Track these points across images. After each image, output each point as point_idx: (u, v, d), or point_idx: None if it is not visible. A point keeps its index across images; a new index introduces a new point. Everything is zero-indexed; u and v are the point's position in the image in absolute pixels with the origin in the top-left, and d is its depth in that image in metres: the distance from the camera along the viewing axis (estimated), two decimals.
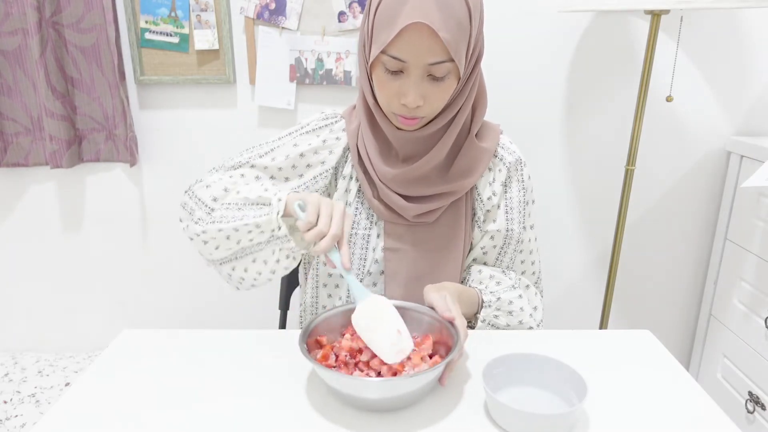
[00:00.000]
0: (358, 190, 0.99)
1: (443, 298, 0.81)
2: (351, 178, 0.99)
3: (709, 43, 1.60)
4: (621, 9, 1.33)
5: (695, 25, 1.58)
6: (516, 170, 1.00)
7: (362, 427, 0.70)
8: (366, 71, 0.90)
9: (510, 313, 0.95)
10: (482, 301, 0.92)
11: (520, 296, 0.96)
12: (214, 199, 0.89)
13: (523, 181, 1.02)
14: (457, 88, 0.88)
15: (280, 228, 0.82)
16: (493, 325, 0.94)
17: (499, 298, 0.93)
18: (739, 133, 1.68)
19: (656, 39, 1.38)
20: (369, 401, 0.72)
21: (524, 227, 1.02)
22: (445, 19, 0.78)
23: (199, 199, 0.91)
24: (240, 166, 0.98)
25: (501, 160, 0.99)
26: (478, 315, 0.93)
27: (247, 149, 1.01)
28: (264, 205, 0.84)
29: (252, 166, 0.97)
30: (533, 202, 1.04)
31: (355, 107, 1.01)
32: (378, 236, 0.98)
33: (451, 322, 0.77)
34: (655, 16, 1.37)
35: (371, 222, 0.99)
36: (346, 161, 0.99)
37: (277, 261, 0.87)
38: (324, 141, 0.98)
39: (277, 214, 0.81)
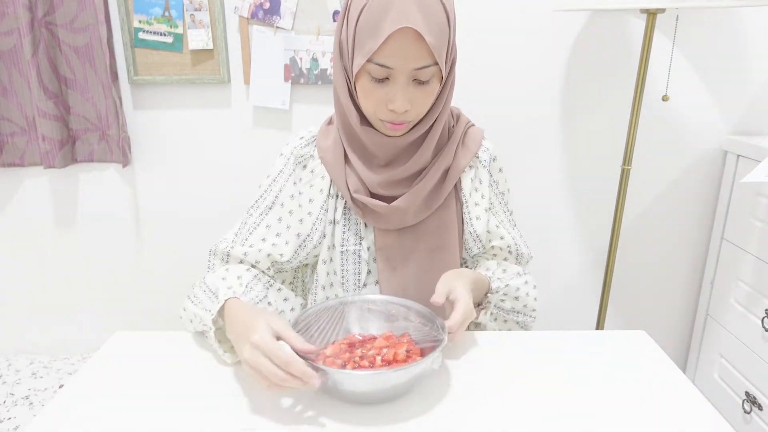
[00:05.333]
0: (345, 207, 0.99)
1: (448, 281, 0.85)
2: (337, 197, 0.99)
3: (705, 42, 1.60)
4: (616, 8, 1.32)
5: (691, 24, 1.57)
6: (492, 167, 1.04)
7: (351, 419, 0.71)
8: (346, 80, 0.90)
9: (516, 298, 0.99)
10: (490, 288, 0.96)
11: (526, 282, 1.01)
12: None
13: (492, 176, 1.04)
14: (439, 90, 0.89)
15: (213, 330, 0.83)
16: (498, 308, 0.99)
17: (507, 285, 0.98)
18: (736, 132, 1.68)
19: (652, 38, 1.38)
20: (355, 394, 0.74)
21: (501, 221, 1.05)
22: (428, 23, 0.80)
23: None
24: (247, 261, 0.98)
25: (481, 161, 1.02)
26: (487, 296, 0.97)
27: (241, 225, 1.00)
28: (215, 296, 0.86)
29: (259, 250, 0.97)
30: (509, 191, 1.08)
31: (329, 123, 1.02)
32: (368, 249, 0.99)
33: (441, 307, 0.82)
34: (651, 15, 1.37)
35: (359, 237, 0.99)
36: (331, 183, 1.00)
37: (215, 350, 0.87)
38: (311, 186, 0.99)
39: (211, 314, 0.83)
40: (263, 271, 0.98)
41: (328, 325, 0.86)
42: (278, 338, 0.72)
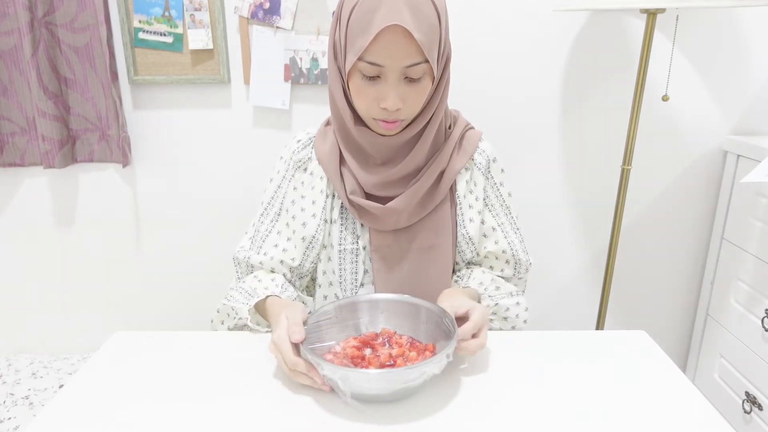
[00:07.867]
0: (341, 206, 1.00)
1: (454, 300, 0.86)
2: (334, 197, 1.00)
3: (705, 41, 1.60)
4: (616, 8, 1.32)
5: (691, 24, 1.57)
6: (488, 170, 1.03)
7: (362, 419, 0.70)
8: (340, 80, 0.91)
9: (505, 318, 0.99)
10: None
11: (518, 304, 1.00)
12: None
13: (493, 177, 1.04)
14: (431, 89, 0.89)
15: (249, 319, 0.91)
16: None
17: (497, 304, 0.97)
18: (736, 132, 1.68)
19: (652, 38, 1.38)
20: (368, 393, 0.73)
21: (501, 223, 1.04)
22: (417, 21, 0.80)
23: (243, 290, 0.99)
24: (265, 270, 1.02)
25: (476, 164, 1.02)
26: None
27: (255, 232, 1.05)
28: (251, 296, 0.94)
29: (272, 258, 1.00)
30: (510, 195, 1.06)
31: (326, 124, 1.03)
32: (364, 248, 1.00)
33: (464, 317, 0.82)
34: (651, 15, 1.37)
35: (356, 236, 1.00)
36: (328, 183, 1.01)
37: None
38: (312, 188, 1.00)
39: (248, 310, 0.91)
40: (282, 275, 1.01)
41: (337, 324, 0.86)
42: None
